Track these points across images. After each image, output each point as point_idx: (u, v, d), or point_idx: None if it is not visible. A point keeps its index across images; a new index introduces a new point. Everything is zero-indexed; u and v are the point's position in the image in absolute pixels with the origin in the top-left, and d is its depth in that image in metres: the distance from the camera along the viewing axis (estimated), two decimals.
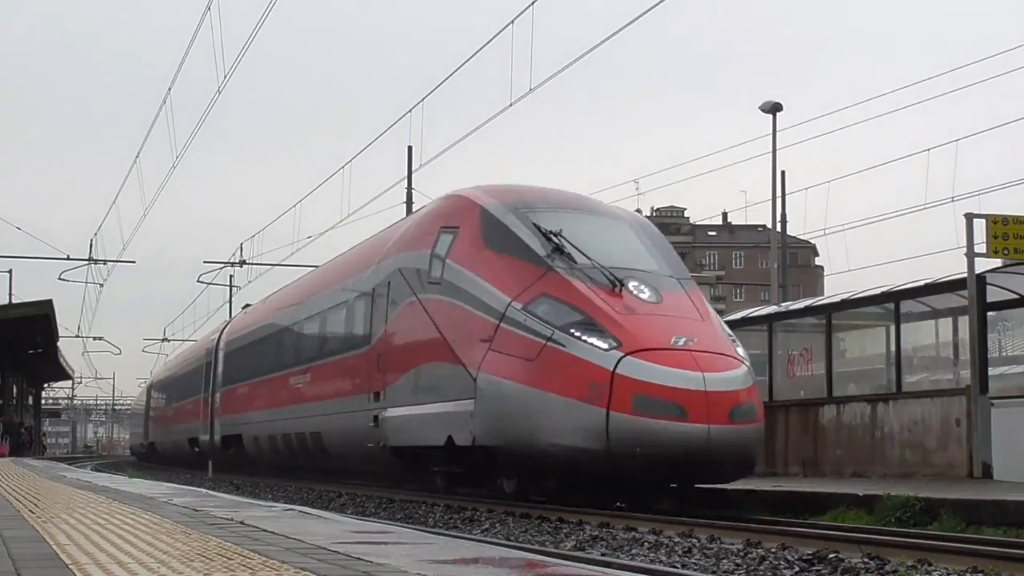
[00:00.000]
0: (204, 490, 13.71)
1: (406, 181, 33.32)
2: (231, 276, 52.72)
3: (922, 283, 19.07)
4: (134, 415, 74.06)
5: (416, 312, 17.28)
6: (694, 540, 9.62)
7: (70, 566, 4.52)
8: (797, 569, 8.08)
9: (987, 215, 17.33)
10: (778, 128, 31.00)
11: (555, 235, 15.30)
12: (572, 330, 14.06)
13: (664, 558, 9.21)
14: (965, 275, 17.31)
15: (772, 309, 24.18)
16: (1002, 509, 11.26)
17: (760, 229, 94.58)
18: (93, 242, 42.82)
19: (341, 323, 21.68)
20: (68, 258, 43.06)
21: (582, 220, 16.19)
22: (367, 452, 19.07)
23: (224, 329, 35.28)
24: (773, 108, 30.98)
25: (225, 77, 23.85)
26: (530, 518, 12.52)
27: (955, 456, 17.35)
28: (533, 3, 18.49)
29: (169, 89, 28.35)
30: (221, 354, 33.61)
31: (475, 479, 16.40)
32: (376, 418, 18.38)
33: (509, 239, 15.71)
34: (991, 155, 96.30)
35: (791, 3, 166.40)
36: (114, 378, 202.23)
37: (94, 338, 66.39)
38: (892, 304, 19.62)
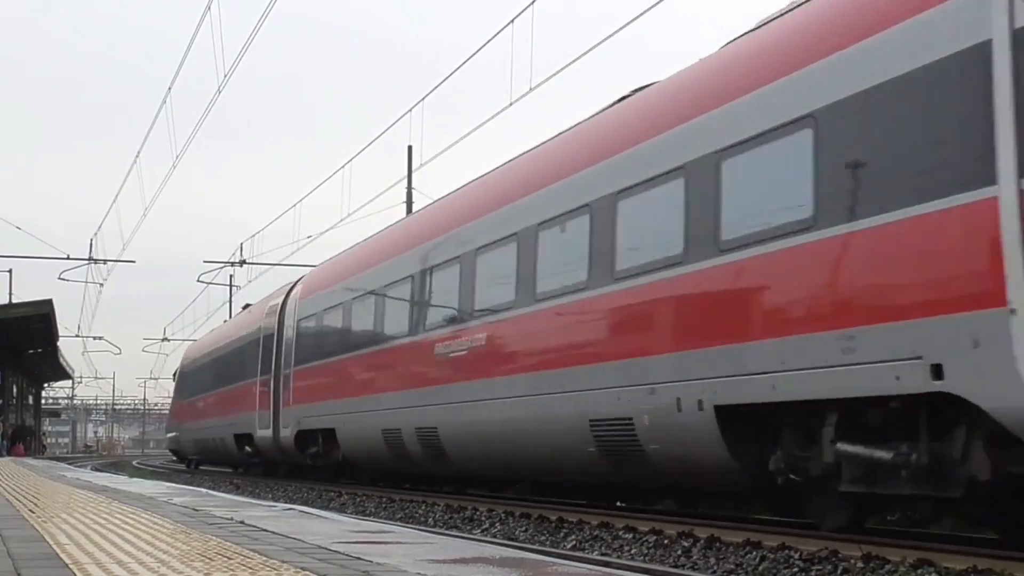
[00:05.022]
0: (204, 490, 13.71)
1: (406, 181, 33.30)
2: (231, 276, 52.81)
3: None
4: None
5: None
6: (694, 540, 9.61)
7: (70, 566, 4.51)
8: (797, 569, 8.07)
9: None
10: None
11: None
12: None
13: (664, 558, 9.21)
14: None
15: None
16: None
17: None
18: (93, 242, 42.88)
19: None
20: (68, 258, 43.12)
21: None
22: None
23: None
24: None
25: (225, 77, 23.83)
26: (530, 518, 12.51)
27: None
28: (533, 3, 18.47)
29: (169, 89, 28.36)
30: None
31: None
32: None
33: None
34: None
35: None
36: (114, 378, 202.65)
37: (94, 338, 66.63)
38: None
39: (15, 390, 60.25)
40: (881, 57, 8.30)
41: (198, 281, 50.21)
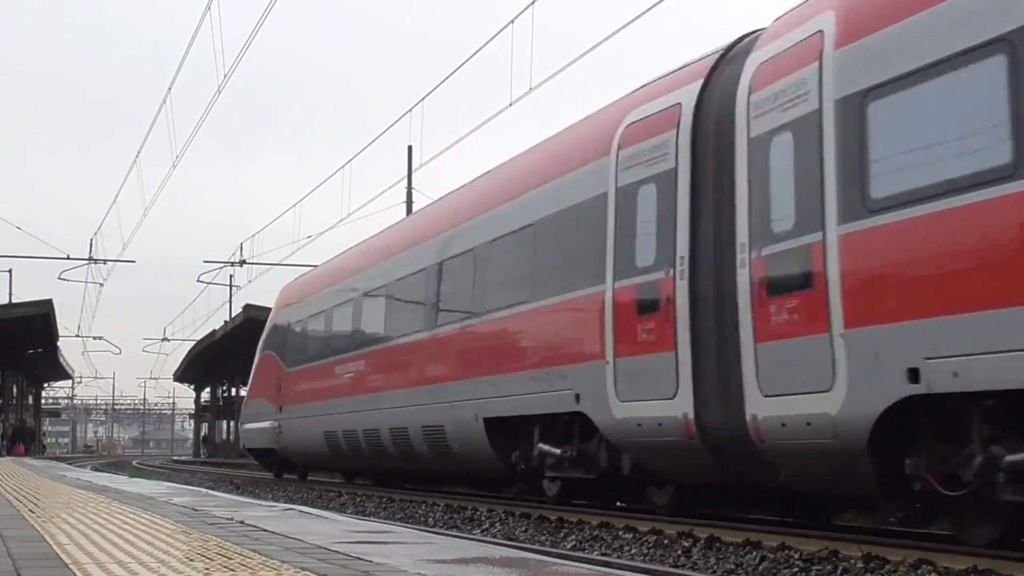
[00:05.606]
0: (204, 490, 13.71)
1: (406, 181, 33.29)
2: (231, 276, 52.83)
3: None
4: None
5: None
6: (694, 540, 9.62)
7: (70, 565, 4.51)
8: (797, 569, 8.07)
9: None
10: None
11: None
12: None
13: (664, 558, 9.21)
14: None
15: None
16: None
17: None
18: (93, 242, 42.93)
19: None
20: (68, 258, 43.17)
21: None
22: None
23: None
24: None
25: (225, 77, 23.85)
26: (530, 518, 12.51)
27: None
28: (533, 3, 18.48)
29: (169, 89, 28.40)
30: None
31: None
32: None
33: None
34: None
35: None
36: (114, 378, 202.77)
37: (94, 338, 66.72)
38: None
39: (15, 390, 60.29)
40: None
41: (198, 281, 50.14)
